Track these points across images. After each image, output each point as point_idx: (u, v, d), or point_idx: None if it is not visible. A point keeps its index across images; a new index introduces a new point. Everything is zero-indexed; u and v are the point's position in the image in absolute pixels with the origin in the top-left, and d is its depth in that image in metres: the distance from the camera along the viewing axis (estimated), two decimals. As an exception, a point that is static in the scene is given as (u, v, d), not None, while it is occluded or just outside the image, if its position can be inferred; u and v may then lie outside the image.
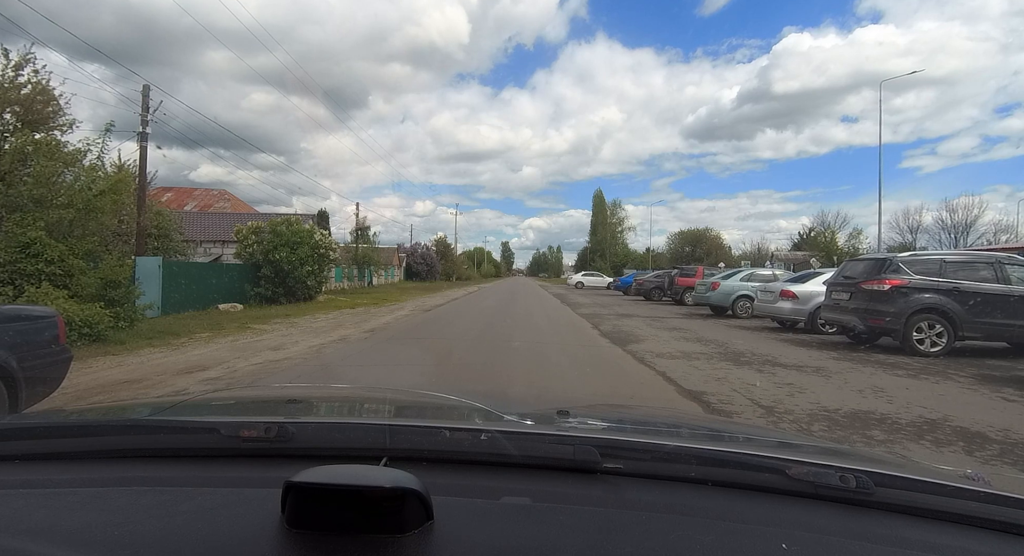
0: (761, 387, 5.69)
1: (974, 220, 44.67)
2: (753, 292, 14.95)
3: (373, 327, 11.96)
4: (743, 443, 1.16)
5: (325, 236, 22.18)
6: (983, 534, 0.72)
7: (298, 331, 11.11)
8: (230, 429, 0.89)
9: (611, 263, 73.77)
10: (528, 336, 10.36)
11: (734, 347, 8.95)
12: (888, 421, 4.41)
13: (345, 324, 12.53)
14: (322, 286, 22.13)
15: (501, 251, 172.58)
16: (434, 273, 57.40)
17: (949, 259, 8.31)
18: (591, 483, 0.80)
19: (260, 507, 0.66)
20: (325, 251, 21.65)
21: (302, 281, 20.46)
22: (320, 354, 7.94)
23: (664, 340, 9.81)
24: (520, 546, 0.62)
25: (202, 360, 7.31)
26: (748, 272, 15.56)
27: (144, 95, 15.59)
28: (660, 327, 12.32)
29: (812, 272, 11.87)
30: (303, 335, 10.39)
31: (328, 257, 21.96)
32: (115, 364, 6.94)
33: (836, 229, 56.06)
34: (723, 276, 16.38)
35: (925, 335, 8.05)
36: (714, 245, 66.74)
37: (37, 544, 0.60)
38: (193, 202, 33.34)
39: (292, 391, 2.32)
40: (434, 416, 1.29)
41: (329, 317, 14.54)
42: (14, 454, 0.88)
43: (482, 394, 1.79)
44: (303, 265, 20.62)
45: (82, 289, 9.79)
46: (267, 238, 20.60)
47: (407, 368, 6.99)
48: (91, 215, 10.96)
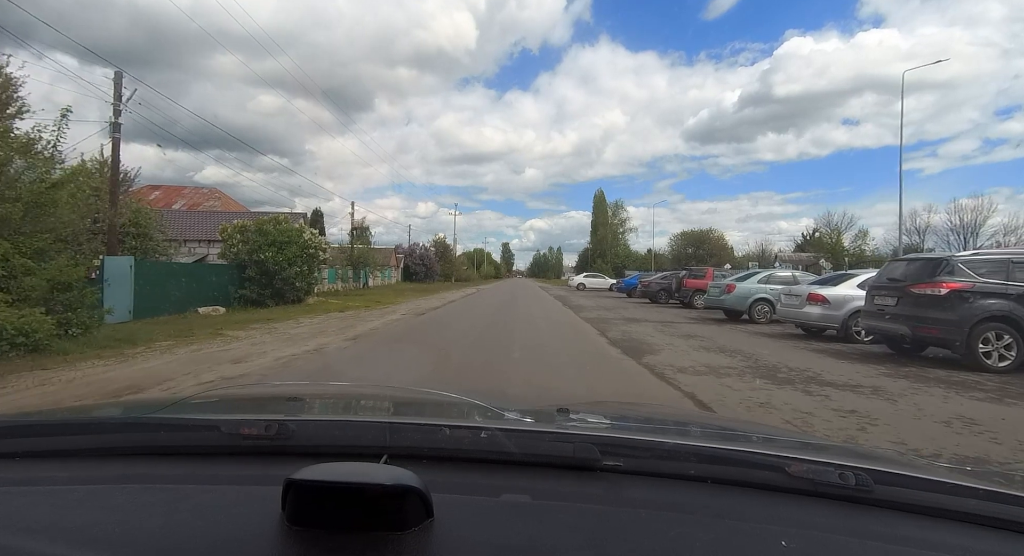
0: (820, 417, 4.56)
1: (983, 221, 44.15)
2: (772, 295, 13.85)
3: (357, 334, 10.82)
4: (742, 441, 1.13)
5: (315, 235, 21.07)
6: (982, 531, 0.71)
7: (273, 338, 10.00)
8: (231, 427, 0.88)
9: (612, 264, 72.53)
10: (529, 344, 9.26)
11: (764, 359, 7.85)
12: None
13: (328, 330, 11.40)
14: (312, 288, 20.99)
15: (501, 252, 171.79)
16: (432, 274, 56.22)
17: (1017, 259, 7.16)
18: (591, 481, 0.79)
19: (261, 505, 0.65)
20: (315, 251, 20.55)
21: (290, 282, 19.36)
22: (286, 369, 6.82)
23: (682, 350, 8.70)
24: (520, 543, 0.62)
25: (144, 377, 6.19)
26: (765, 274, 14.43)
27: (116, 83, 14.48)
28: (674, 334, 11.20)
29: (843, 274, 10.75)
30: (277, 344, 9.28)
31: (318, 257, 20.86)
32: (37, 383, 5.81)
33: (842, 230, 54.88)
34: (737, 278, 15.27)
35: (992, 347, 6.92)
36: (717, 246, 65.42)
37: (38, 542, 0.60)
38: (182, 201, 32.22)
39: (293, 389, 2.19)
40: (434, 414, 1.30)
41: (314, 322, 13.42)
42: (15, 451, 0.88)
43: (482, 392, 1.72)
44: (291, 266, 19.52)
45: (27, 292, 8.71)
46: (253, 237, 19.51)
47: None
48: (43, 210, 9.85)
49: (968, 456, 3.60)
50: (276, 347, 8.83)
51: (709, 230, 68.76)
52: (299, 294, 19.94)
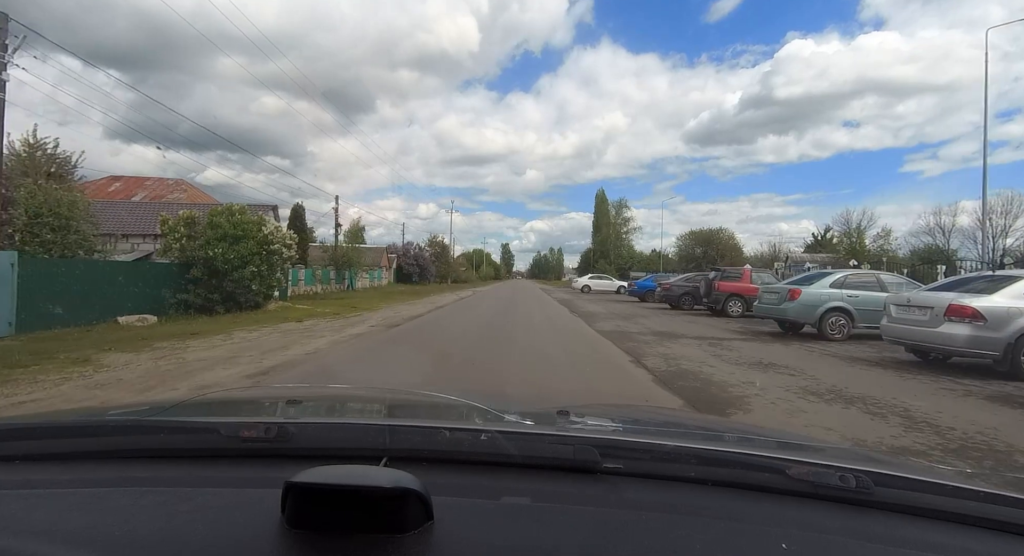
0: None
1: (1013, 221, 41.74)
2: (850, 304, 10.59)
3: (276, 363, 7.45)
4: (743, 443, 1.14)
5: (279, 229, 17.78)
6: (982, 533, 0.71)
7: (139, 373, 6.73)
8: (230, 429, 0.88)
9: (616, 265, 69.19)
10: (536, 378, 6.03)
11: (922, 414, 4.62)
12: None
13: (243, 355, 8.07)
14: (273, 291, 17.68)
15: (501, 253, 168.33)
16: (426, 275, 52.88)
17: None
18: (591, 483, 0.79)
19: (260, 507, 0.65)
20: (278, 247, 17.28)
21: (244, 285, 16.10)
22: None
23: (784, 401, 5.43)
24: (520, 546, 0.62)
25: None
26: (839, 275, 11.13)
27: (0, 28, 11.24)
28: (739, 361, 7.89)
29: (1002, 276, 7.47)
30: (146, 379, 6.03)
31: (282, 255, 17.58)
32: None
33: (863, 229, 51.43)
34: (798, 280, 12.00)
35: None
36: (728, 247, 61.95)
37: (38, 544, 0.59)
38: (143, 192, 28.95)
39: (292, 391, 2.10)
40: (434, 416, 1.30)
41: (249, 338, 10.15)
42: (14, 454, 0.87)
43: (482, 394, 1.74)
44: (246, 264, 16.28)
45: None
46: (202, 231, 16.27)
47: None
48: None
49: None
50: (138, 385, 5.56)
51: (719, 230, 65.17)
52: (256, 299, 16.68)
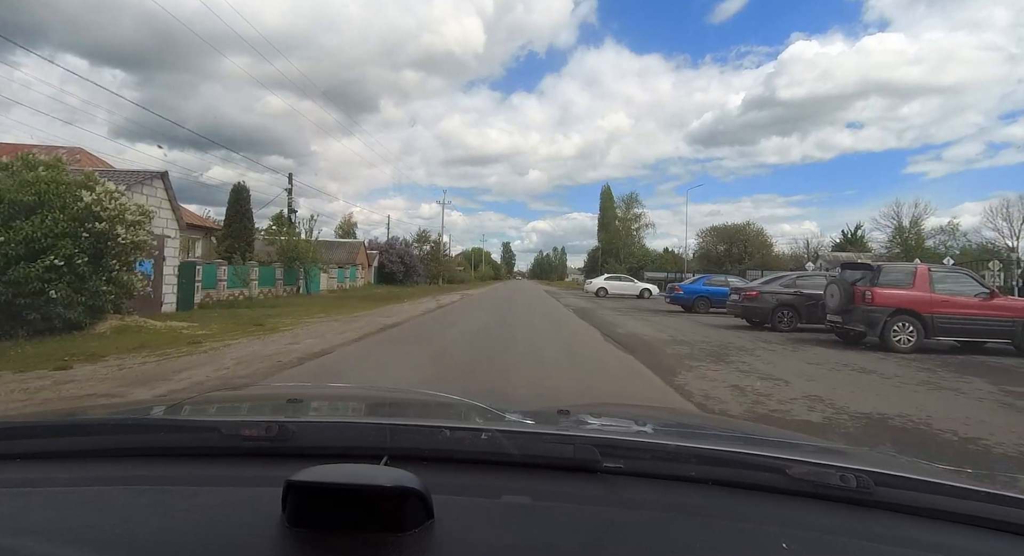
0: None
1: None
2: None
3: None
4: (743, 443, 1.14)
5: (116, 196, 10.66)
6: (984, 533, 0.71)
7: None
8: (231, 428, 0.88)
9: (627, 264, 61.85)
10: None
11: None
12: None
13: None
14: (108, 299, 10.53)
15: (502, 252, 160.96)
16: (413, 274, 45.67)
17: None
18: (591, 482, 0.79)
19: (261, 506, 0.65)
20: (112, 226, 10.25)
21: (35, 290, 9.10)
22: None
23: None
24: (520, 545, 0.62)
25: None
26: None
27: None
28: None
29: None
30: None
31: (127, 240, 10.54)
32: None
33: (920, 223, 44.25)
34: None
35: None
36: (757, 243, 54.76)
37: (38, 543, 0.60)
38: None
39: (293, 390, 2.09)
40: (435, 415, 1.30)
41: None
42: (14, 453, 0.87)
43: (482, 394, 1.76)
44: (45, 254, 9.31)
45: None
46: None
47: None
48: None
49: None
50: None
51: (746, 224, 57.83)
52: (67, 315, 9.61)
